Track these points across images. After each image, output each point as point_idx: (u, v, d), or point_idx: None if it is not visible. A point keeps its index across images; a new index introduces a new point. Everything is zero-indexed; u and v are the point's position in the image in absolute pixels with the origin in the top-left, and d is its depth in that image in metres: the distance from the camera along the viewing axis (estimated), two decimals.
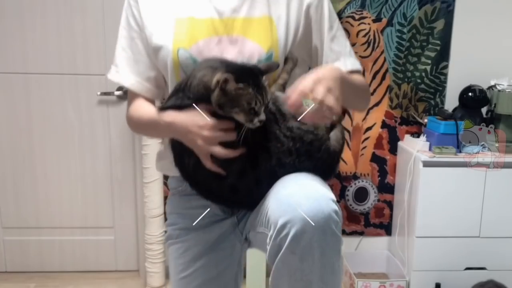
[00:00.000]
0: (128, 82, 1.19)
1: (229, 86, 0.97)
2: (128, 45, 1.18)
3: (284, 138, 1.05)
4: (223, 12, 1.12)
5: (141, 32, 1.16)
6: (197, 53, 1.10)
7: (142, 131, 1.26)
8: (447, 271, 2.32)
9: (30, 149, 2.50)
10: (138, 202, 2.54)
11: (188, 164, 1.09)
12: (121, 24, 1.19)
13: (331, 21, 1.18)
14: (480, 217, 2.28)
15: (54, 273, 2.61)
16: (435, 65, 2.47)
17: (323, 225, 0.89)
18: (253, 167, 1.05)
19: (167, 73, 1.15)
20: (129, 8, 1.17)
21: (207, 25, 1.11)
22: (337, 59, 1.18)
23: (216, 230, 1.20)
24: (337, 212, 0.92)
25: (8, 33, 2.37)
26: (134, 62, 1.18)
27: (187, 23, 1.12)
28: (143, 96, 1.20)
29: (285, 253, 0.92)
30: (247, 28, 1.12)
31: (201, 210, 1.19)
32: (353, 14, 2.40)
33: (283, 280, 0.96)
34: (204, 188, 1.11)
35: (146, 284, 2.47)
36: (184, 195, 1.22)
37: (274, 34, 1.12)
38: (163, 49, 1.12)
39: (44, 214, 2.57)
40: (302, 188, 0.95)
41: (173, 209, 1.27)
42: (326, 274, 0.94)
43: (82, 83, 2.44)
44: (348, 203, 2.60)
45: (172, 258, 1.24)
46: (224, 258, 1.21)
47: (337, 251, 0.94)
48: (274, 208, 0.95)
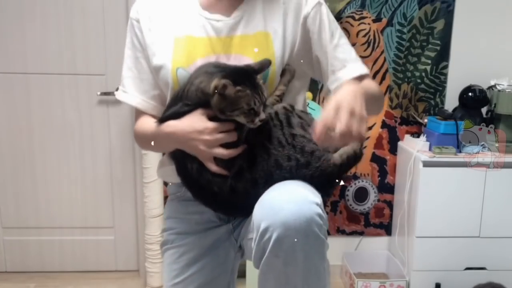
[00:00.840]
0: (135, 101, 1.21)
1: (228, 91, 0.98)
2: (134, 65, 1.20)
3: (286, 144, 1.05)
4: (221, 30, 1.13)
5: (144, 52, 1.18)
6: None
7: (147, 146, 1.27)
8: (447, 271, 2.32)
9: (30, 149, 2.50)
10: (138, 202, 2.54)
11: (191, 168, 1.09)
12: (126, 44, 1.21)
13: (331, 30, 1.17)
14: (480, 217, 2.28)
15: (54, 273, 2.61)
16: (435, 65, 2.47)
17: (305, 228, 0.89)
18: (251, 167, 1.05)
19: (167, 91, 1.16)
20: (132, 28, 1.19)
21: (205, 44, 1.12)
22: (344, 67, 1.16)
23: (211, 236, 1.20)
24: (321, 215, 0.91)
25: (8, 33, 2.37)
26: (139, 81, 1.20)
27: (185, 42, 1.13)
28: (149, 113, 1.22)
29: (269, 257, 0.92)
30: (244, 46, 1.13)
31: (198, 216, 1.20)
32: (353, 14, 2.40)
33: (269, 284, 0.97)
34: (207, 193, 1.11)
35: (146, 284, 2.47)
36: (183, 200, 1.23)
37: (270, 49, 1.13)
38: (163, 68, 1.14)
39: (44, 214, 2.57)
40: (285, 192, 0.95)
41: (170, 214, 1.28)
42: (310, 277, 0.94)
43: (82, 83, 2.44)
44: (348, 203, 2.60)
45: (167, 263, 1.25)
46: (218, 265, 1.21)
47: (321, 254, 0.94)
48: (257, 212, 0.95)
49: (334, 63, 1.17)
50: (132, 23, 1.19)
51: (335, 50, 1.17)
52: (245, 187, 1.06)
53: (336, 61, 1.17)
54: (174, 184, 1.26)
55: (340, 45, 1.18)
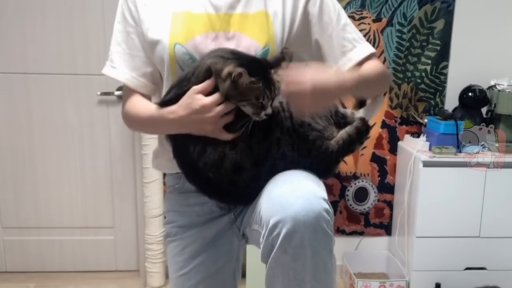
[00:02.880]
0: (124, 77, 1.17)
1: (242, 80, 0.97)
2: (124, 40, 1.17)
3: (292, 131, 1.05)
4: (220, 7, 1.12)
5: (137, 27, 1.15)
6: (193, 49, 1.10)
7: (140, 127, 1.25)
8: (447, 271, 2.32)
9: (30, 149, 2.50)
10: (138, 202, 2.54)
11: (193, 151, 1.07)
12: (116, 18, 1.18)
13: (337, 11, 1.17)
14: (480, 217, 2.28)
15: (54, 273, 2.61)
16: (435, 65, 2.47)
17: (314, 224, 0.89)
18: (252, 163, 1.05)
19: (163, 68, 1.14)
20: (125, 2, 1.16)
21: (204, 21, 1.11)
22: (354, 47, 1.17)
23: (213, 227, 1.20)
24: (328, 211, 0.92)
25: (8, 33, 2.37)
26: (129, 57, 1.17)
27: (184, 17, 1.11)
28: (139, 91, 1.19)
29: (278, 253, 0.92)
30: (244, 24, 1.11)
31: (198, 208, 1.20)
32: (353, 14, 2.40)
33: (277, 279, 0.96)
34: (203, 180, 1.10)
35: (146, 284, 2.47)
36: (182, 192, 1.22)
37: (270, 30, 1.12)
38: (160, 44, 1.11)
39: (44, 214, 2.57)
40: (294, 187, 0.95)
41: (171, 207, 1.27)
42: (319, 272, 0.94)
43: (82, 83, 2.44)
44: (348, 203, 2.60)
45: (171, 256, 1.25)
46: (222, 255, 1.21)
47: (329, 249, 0.95)
48: (266, 207, 0.95)
49: (344, 44, 1.16)
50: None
51: (344, 31, 1.16)
52: (245, 180, 1.06)
53: (345, 41, 1.16)
54: (171, 175, 1.25)
55: (347, 25, 1.18)
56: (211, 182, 1.08)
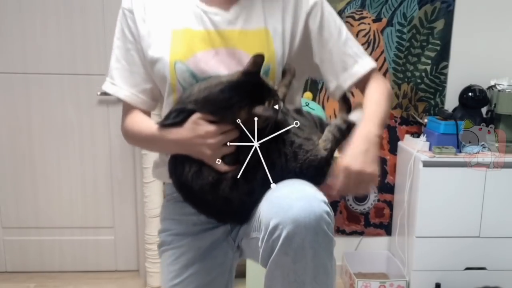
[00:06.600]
0: (123, 94, 1.17)
1: (261, 117, 1.00)
2: (123, 56, 1.17)
3: (288, 145, 1.05)
4: (218, 24, 1.10)
5: (136, 43, 1.14)
6: (194, 66, 1.09)
7: (140, 144, 1.26)
8: (447, 271, 2.32)
9: (30, 149, 2.50)
10: (138, 202, 2.54)
11: (188, 171, 1.08)
12: (115, 35, 1.17)
13: (337, 26, 1.17)
14: (480, 217, 2.28)
15: (54, 273, 2.61)
16: (435, 65, 2.47)
17: (314, 226, 0.89)
18: (247, 178, 1.04)
19: (164, 86, 1.13)
20: (124, 18, 1.15)
21: (204, 37, 1.10)
22: (356, 62, 1.16)
23: (208, 237, 1.20)
24: (329, 213, 0.92)
25: (8, 33, 2.37)
26: (129, 74, 1.16)
27: (184, 35, 1.10)
28: (138, 108, 1.19)
29: (278, 255, 0.92)
30: (244, 41, 1.11)
31: (195, 217, 1.19)
32: (353, 14, 2.40)
33: (277, 282, 0.96)
34: (199, 200, 1.10)
35: (146, 284, 2.47)
36: (179, 201, 1.21)
37: (270, 47, 1.11)
38: (160, 61, 1.11)
39: (44, 214, 2.57)
40: (293, 190, 0.95)
41: (167, 215, 1.27)
42: (319, 274, 0.94)
43: (82, 83, 2.44)
44: (348, 203, 2.60)
45: (165, 265, 1.24)
46: (216, 266, 1.20)
47: (329, 251, 0.94)
48: (265, 210, 0.95)
49: (345, 59, 1.15)
50: (124, 13, 1.15)
51: (345, 46, 1.16)
52: (241, 197, 1.05)
53: (346, 56, 1.15)
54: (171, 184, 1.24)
55: (349, 39, 1.17)
56: (209, 202, 1.08)
